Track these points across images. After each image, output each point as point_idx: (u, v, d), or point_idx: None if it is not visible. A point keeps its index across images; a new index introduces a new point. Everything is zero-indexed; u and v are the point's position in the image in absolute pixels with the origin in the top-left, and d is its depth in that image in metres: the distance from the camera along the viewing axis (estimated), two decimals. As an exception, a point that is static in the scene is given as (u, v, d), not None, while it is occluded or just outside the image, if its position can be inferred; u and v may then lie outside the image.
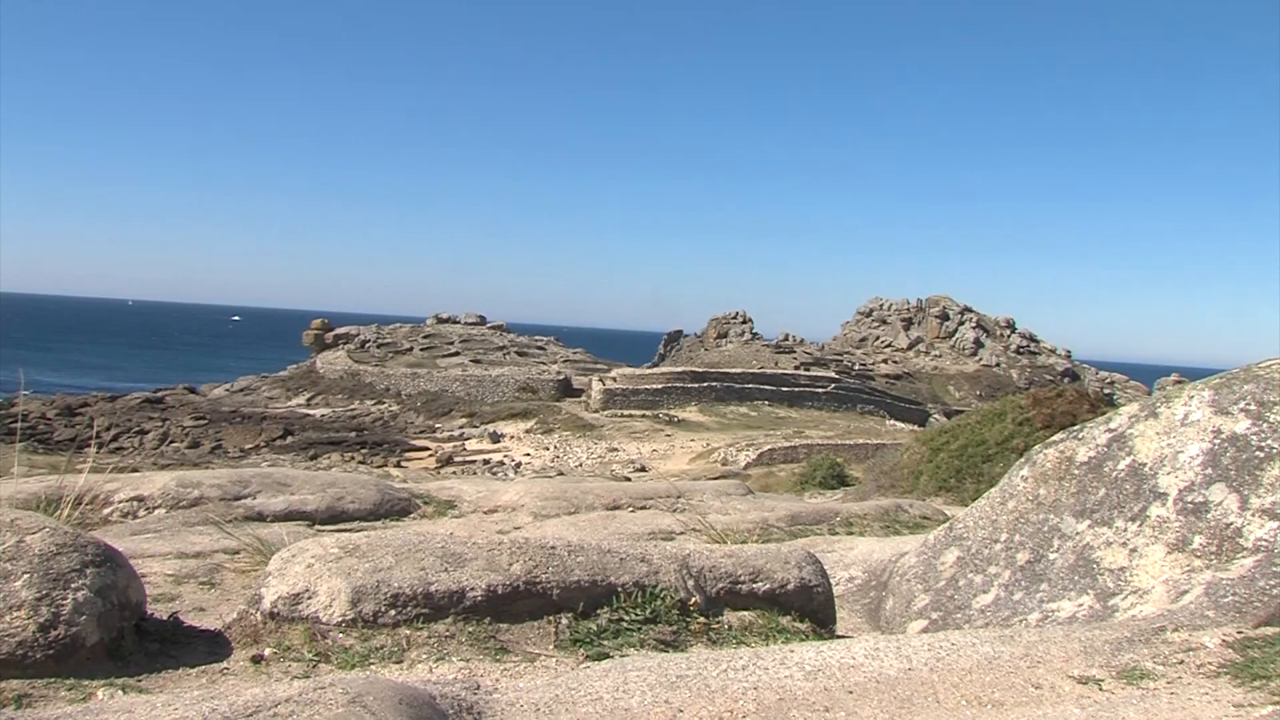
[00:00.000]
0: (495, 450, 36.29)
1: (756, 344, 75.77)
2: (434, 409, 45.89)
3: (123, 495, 5.05)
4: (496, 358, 61.15)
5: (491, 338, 69.63)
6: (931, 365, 72.56)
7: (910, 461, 13.28)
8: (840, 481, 18.04)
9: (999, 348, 76.00)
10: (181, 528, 4.59)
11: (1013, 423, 12.33)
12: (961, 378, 69.81)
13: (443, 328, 72.10)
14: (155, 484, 5.19)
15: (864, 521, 6.30)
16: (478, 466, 31.89)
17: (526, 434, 39.59)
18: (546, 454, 35.07)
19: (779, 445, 32.13)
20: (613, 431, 39.13)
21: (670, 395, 46.06)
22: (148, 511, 4.97)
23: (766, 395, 48.75)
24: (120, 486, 5.13)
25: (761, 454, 30.83)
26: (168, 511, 4.96)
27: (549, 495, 6.12)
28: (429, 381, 50.36)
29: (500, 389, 49.14)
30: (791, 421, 44.17)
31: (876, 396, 55.30)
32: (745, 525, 5.57)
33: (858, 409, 51.43)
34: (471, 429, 41.46)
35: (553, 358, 65.87)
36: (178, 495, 5.11)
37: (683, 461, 32.19)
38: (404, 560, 2.69)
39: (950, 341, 77.12)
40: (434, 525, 5.47)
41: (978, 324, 78.54)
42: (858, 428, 41.69)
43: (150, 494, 5.09)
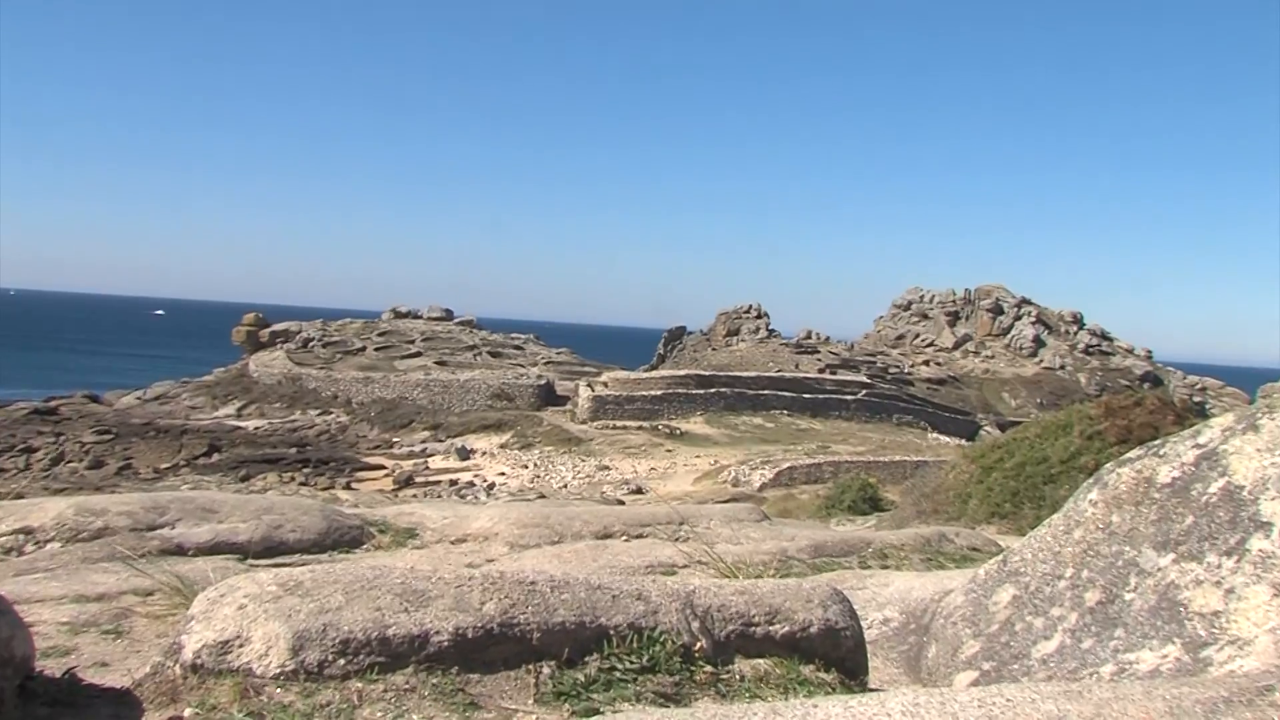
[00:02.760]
0: (464, 469, 36.24)
1: (773, 343, 75.92)
2: (391, 420, 45.84)
3: (4, 527, 4.97)
4: (465, 359, 61.14)
5: (459, 335, 69.64)
6: (982, 368, 72.80)
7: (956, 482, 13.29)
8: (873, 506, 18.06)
9: (1063, 347, 76.26)
10: (81, 565, 4.52)
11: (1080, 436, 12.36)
12: (1018, 382, 70.00)
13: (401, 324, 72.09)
14: (47, 513, 5.07)
15: (901, 553, 6.29)
16: (443, 488, 31.84)
17: (501, 449, 39.57)
18: (525, 473, 35.04)
19: (800, 463, 32.16)
20: (603, 446, 39.11)
21: (672, 403, 46.07)
22: (37, 546, 4.86)
23: (785, 403, 48.80)
24: (2, 517, 5.08)
25: (779, 473, 30.86)
26: (63, 546, 4.86)
27: (528, 522, 6.11)
28: (385, 387, 50.32)
29: (470, 396, 49.12)
30: (815, 435, 44.20)
31: (916, 405, 55.42)
32: (760, 557, 5.56)
33: (894, 420, 51.52)
34: (435, 444, 41.40)
35: (532, 359, 65.90)
36: (76, 526, 5.01)
37: (686, 482, 32.19)
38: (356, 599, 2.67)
39: (1005, 340, 77.34)
40: (391, 558, 5.45)
41: (1037, 319, 78.80)
42: (894, 442, 41.76)
43: (41, 525, 4.98)
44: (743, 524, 6.91)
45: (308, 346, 60.21)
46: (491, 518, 6.21)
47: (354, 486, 31.38)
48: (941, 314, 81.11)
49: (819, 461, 32.43)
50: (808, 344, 75.79)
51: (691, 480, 32.47)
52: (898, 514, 14.57)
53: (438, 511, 6.55)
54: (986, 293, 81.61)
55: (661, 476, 33.81)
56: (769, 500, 24.29)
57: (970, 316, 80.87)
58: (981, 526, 10.98)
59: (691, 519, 6.78)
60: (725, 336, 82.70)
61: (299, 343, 60.46)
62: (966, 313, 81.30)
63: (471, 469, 36.24)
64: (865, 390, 53.52)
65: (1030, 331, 76.89)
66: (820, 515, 17.29)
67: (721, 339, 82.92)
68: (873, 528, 13.65)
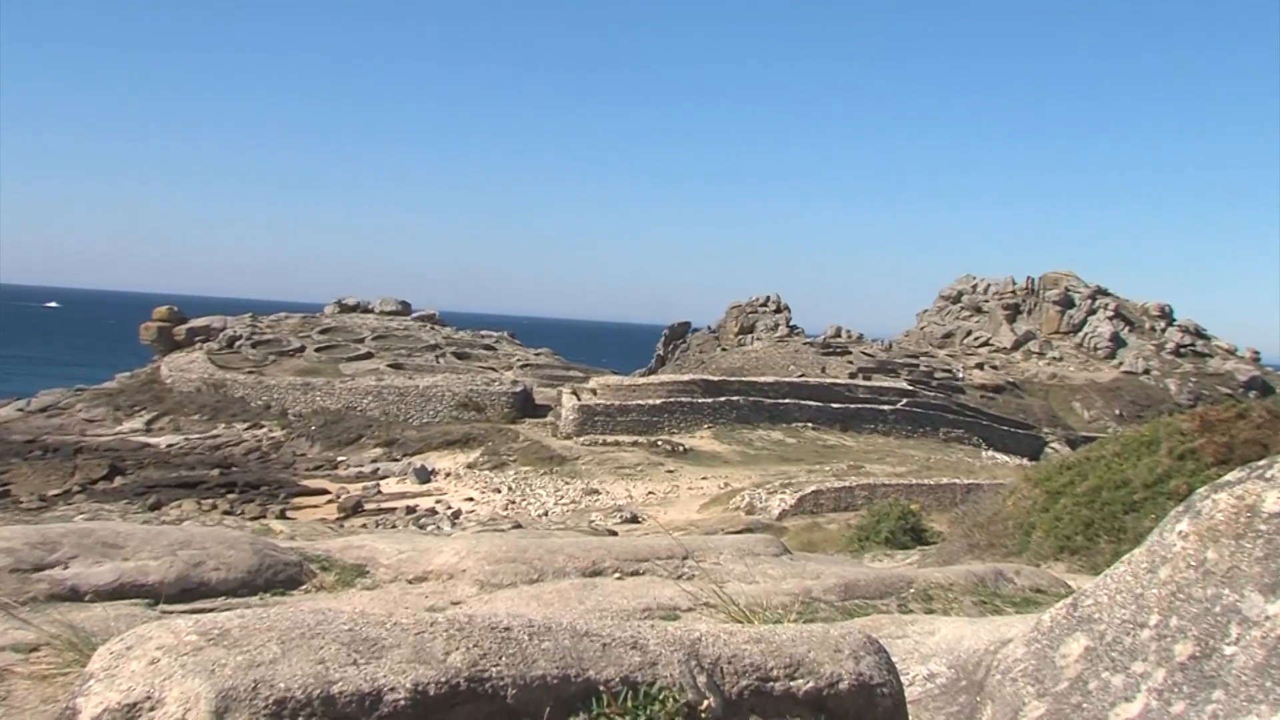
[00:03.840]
0: (424, 493, 36.25)
1: (795, 342, 76.11)
2: (335, 435, 45.84)
3: None
4: (426, 361, 61.19)
5: (418, 333, 69.67)
6: (1048, 372, 73.05)
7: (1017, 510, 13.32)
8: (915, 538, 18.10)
9: (1148, 347, 76.49)
10: (-60, 619, 4.50)
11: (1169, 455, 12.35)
12: (1092, 390, 70.20)
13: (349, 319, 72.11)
14: (-105, 555, 5.08)
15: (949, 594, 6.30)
16: (399, 517, 31.85)
17: (469, 470, 39.58)
18: (497, 498, 35.07)
19: (828, 486, 32.22)
20: (591, 466, 39.13)
21: (673, 414, 46.13)
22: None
23: (810, 414, 48.90)
24: None
25: (803, 498, 30.92)
26: (-84, 596, 4.85)
27: (501, 556, 6.11)
28: (328, 395, 50.32)
29: (431, 406, 49.14)
30: (845, 452, 44.28)
31: (968, 416, 55.59)
32: (779, 599, 5.57)
33: (940, 434, 51.66)
34: (390, 463, 41.40)
35: (506, 361, 65.95)
36: (-64, 570, 5.02)
37: (691, 509, 32.23)
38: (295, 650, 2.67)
39: (1076, 338, 77.60)
40: (337, 600, 5.45)
41: (1116, 313, 79.09)
42: (941, 461, 41.86)
43: (-114, 570, 4.99)
44: (758, 559, 6.92)
45: (234, 346, 60.19)
46: (457, 552, 6.20)
47: (290, 515, 31.32)
48: (998, 307, 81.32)
49: (850, 484, 32.47)
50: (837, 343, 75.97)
51: (697, 507, 32.50)
52: (945, 548, 14.59)
53: (393, 544, 6.54)
54: (1053, 281, 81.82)
55: (661, 502, 33.83)
56: (790, 531, 24.31)
57: (1034, 310, 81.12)
58: (1047, 564, 11.00)
59: (697, 553, 6.78)
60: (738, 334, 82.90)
61: (223, 341, 60.44)
62: (1029, 305, 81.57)
63: (433, 493, 36.23)
64: (906, 399, 53.63)
65: (1107, 328, 77.08)
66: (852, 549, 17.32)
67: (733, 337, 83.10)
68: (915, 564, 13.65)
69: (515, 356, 68.44)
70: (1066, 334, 78.39)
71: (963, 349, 78.16)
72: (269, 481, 37.13)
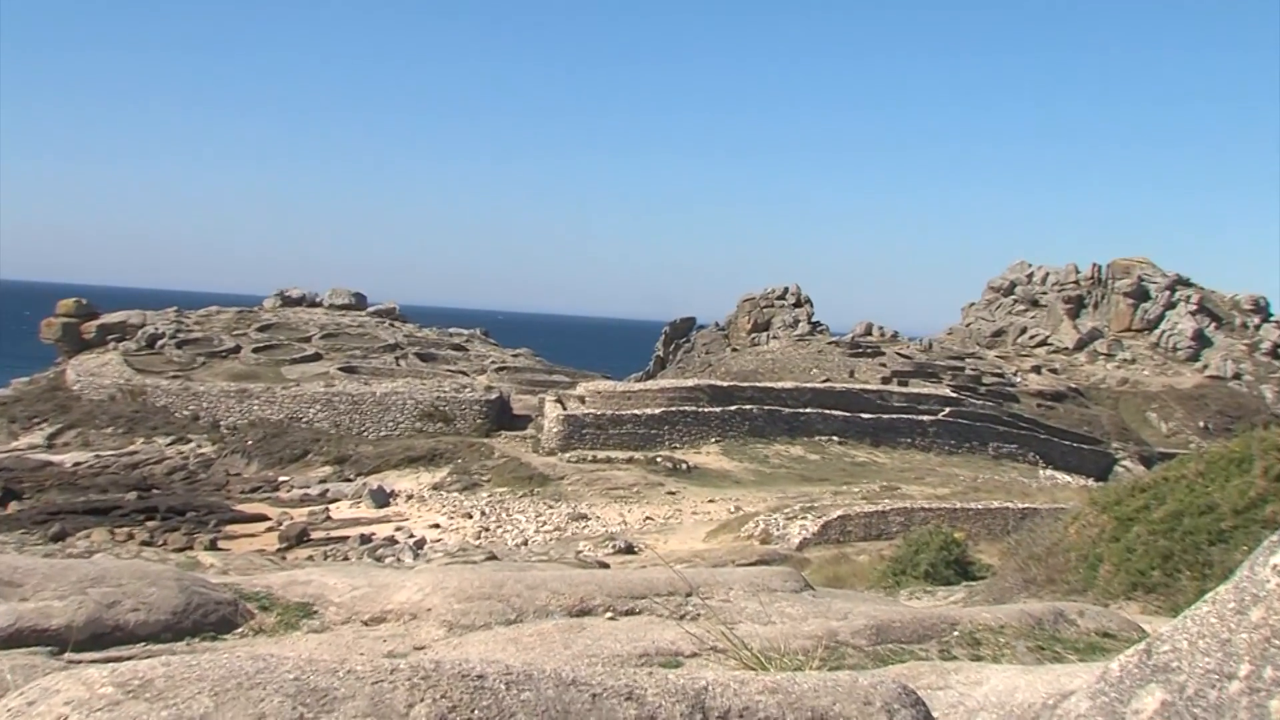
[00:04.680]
0: (381, 519, 36.19)
1: (819, 341, 76.13)
2: (277, 451, 45.79)
3: None
4: (384, 363, 61.14)
5: (375, 331, 69.58)
6: (1118, 376, 73.18)
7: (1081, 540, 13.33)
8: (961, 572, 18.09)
9: (1238, 347, 76.56)
10: None
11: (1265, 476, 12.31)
12: (1171, 397, 70.27)
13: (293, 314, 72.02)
14: None
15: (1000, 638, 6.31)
16: (351, 547, 31.78)
17: (434, 492, 39.53)
18: (468, 525, 35.03)
19: (857, 510, 32.18)
20: (579, 487, 39.09)
21: (675, 426, 46.11)
22: None
23: (835, 426, 48.93)
24: None
25: (828, 525, 30.91)
26: None
27: (473, 593, 6.11)
28: (268, 404, 50.27)
29: (390, 416, 49.11)
30: (878, 470, 44.29)
31: (1023, 429, 55.67)
32: (800, 642, 5.57)
33: (990, 449, 51.72)
34: (341, 484, 41.36)
35: (479, 364, 65.91)
36: None
37: (696, 537, 32.20)
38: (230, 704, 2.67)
39: (1151, 336, 77.72)
40: (279, 645, 5.45)
41: (1199, 306, 79.14)
42: (991, 481, 41.87)
43: None
44: (775, 595, 6.92)
45: (155, 346, 60.10)
46: (421, 588, 6.20)
47: (223, 546, 31.26)
48: (1059, 301, 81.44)
49: (883, 509, 32.44)
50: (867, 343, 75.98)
51: (703, 535, 32.46)
52: (996, 584, 14.60)
53: (345, 579, 6.54)
54: (1124, 269, 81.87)
55: (661, 529, 33.79)
56: (813, 563, 24.29)
57: (1101, 303, 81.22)
58: (1117, 603, 11.01)
59: (704, 588, 6.79)
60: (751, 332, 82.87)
61: (142, 340, 60.36)
62: (1095, 298, 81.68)
63: (392, 520, 36.16)
64: (949, 408, 53.67)
65: (1189, 325, 77.13)
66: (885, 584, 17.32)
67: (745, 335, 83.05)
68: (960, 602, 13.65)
69: (490, 358, 68.39)
70: (1140, 331, 78.47)
71: (1016, 349, 78.28)
72: (197, 506, 37.02)
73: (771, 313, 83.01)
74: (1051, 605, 7.69)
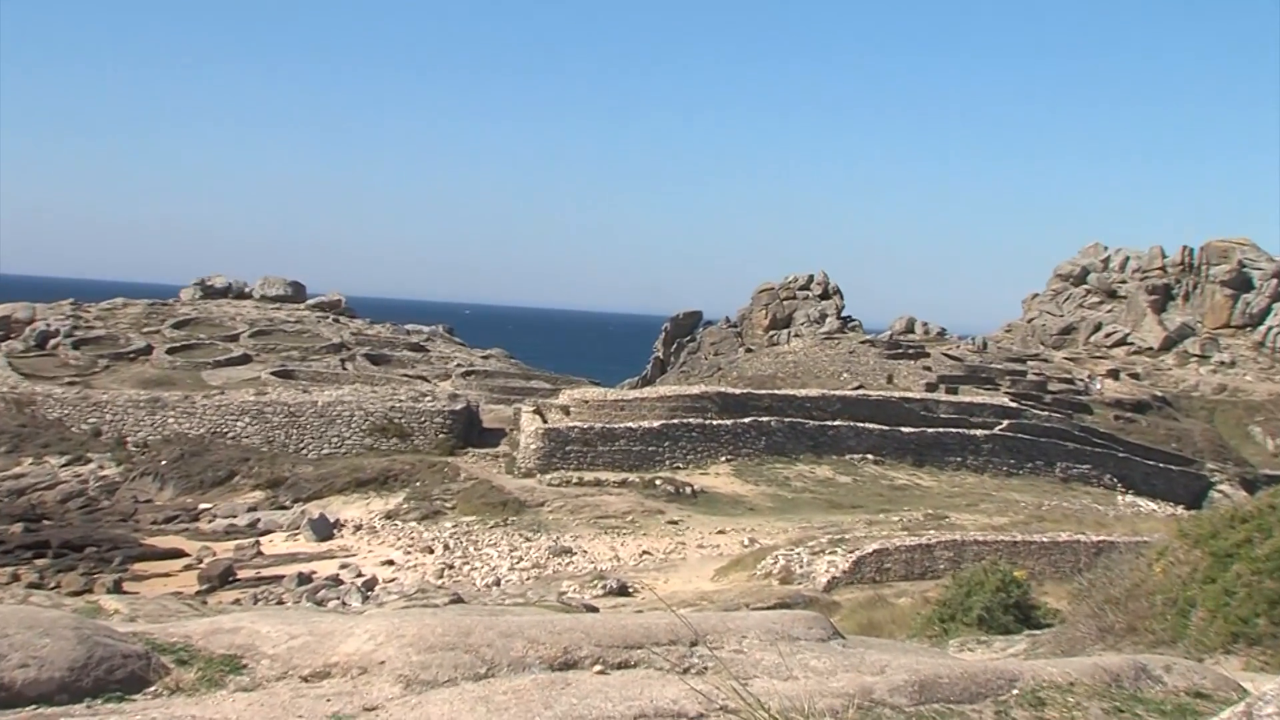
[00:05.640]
0: (324, 554, 36.14)
1: (850, 340, 76.13)
2: (197, 473, 45.71)
3: None
4: (327, 367, 61.10)
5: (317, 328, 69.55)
6: (1214, 382, 73.18)
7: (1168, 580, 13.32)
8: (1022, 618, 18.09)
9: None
10: None
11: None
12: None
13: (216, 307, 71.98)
14: None
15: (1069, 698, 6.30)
16: (288, 588, 31.76)
17: (388, 521, 39.48)
18: (429, 561, 35.00)
19: (896, 544, 32.17)
20: (562, 515, 39.05)
21: (678, 441, 46.11)
22: None
23: (871, 443, 48.94)
24: None
25: (861, 561, 30.88)
26: None
27: (435, 642, 6.10)
28: (186, 416, 50.21)
29: (334, 430, 49.07)
30: (921, 495, 44.28)
31: (1098, 445, 55.69)
32: (827, 701, 5.57)
33: (1057, 470, 51.71)
34: (275, 512, 41.31)
35: (442, 367, 65.82)
36: None
37: (703, 575, 32.19)
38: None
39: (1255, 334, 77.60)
40: (200, 706, 5.43)
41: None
42: (1058, 509, 41.85)
43: None
44: (797, 645, 6.92)
45: (47, 346, 60.03)
46: (373, 636, 6.19)
47: (130, 588, 31.16)
48: (1141, 292, 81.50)
49: (928, 542, 32.42)
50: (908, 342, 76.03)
51: (711, 573, 32.45)
52: (1065, 633, 14.61)
53: (281, 626, 6.53)
54: (1221, 253, 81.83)
55: (661, 566, 33.77)
56: (843, 607, 24.30)
57: (1193, 294, 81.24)
58: (1212, 656, 11.01)
59: (711, 636, 6.78)
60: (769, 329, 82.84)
61: (31, 339, 60.32)
62: (1186, 287, 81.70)
63: (337, 555, 36.10)
64: (1007, 421, 53.64)
65: (1299, 322, 77.05)
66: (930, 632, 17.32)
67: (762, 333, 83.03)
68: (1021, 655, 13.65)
69: (455, 360, 68.37)
70: (1241, 329, 78.51)
71: (1089, 350, 78.38)
72: (98, 541, 36.89)
73: (793, 305, 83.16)
74: (1132, 659, 7.68)
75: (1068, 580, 23.39)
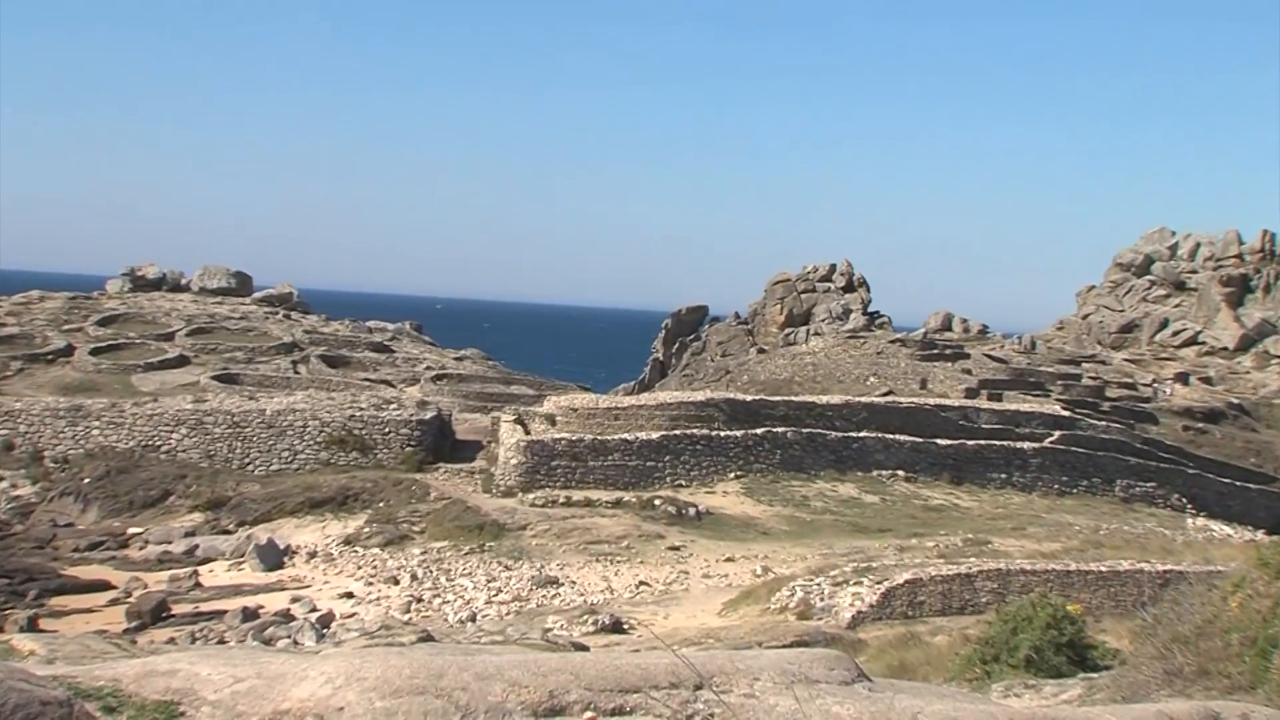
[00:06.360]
0: (273, 586, 36.10)
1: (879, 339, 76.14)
2: (126, 492, 45.66)
3: None
4: (277, 370, 60.97)
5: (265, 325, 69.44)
6: (1296, 388, 73.04)
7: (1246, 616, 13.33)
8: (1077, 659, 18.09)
9: None
10: None
11: None
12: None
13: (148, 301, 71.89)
14: None
15: (1134, 749, 6.33)
16: (231, 625, 31.70)
17: (346, 548, 39.45)
18: (394, 593, 34.98)
19: (931, 574, 32.16)
20: (547, 540, 39.03)
21: (681, 455, 46.11)
22: None
23: (901, 457, 48.99)
24: None
25: (891, 593, 30.88)
26: None
27: (402, 686, 6.10)
28: (114, 427, 50.18)
29: (285, 443, 49.02)
30: (960, 517, 44.26)
31: (1164, 460, 55.61)
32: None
33: (1117, 488, 51.69)
34: (217, 537, 41.27)
35: (409, 370, 65.66)
36: None
37: (709, 609, 32.20)
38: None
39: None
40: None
41: None
42: (1119, 534, 41.84)
43: None
44: (817, 689, 6.93)
45: (-41, 345, 59.90)
46: (330, 679, 6.19)
47: (48, 626, 31.11)
48: (1214, 283, 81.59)
49: (968, 571, 32.43)
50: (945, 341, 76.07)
51: (719, 606, 32.46)
52: (1126, 676, 14.62)
53: (224, 668, 6.53)
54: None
55: (661, 599, 33.77)
56: (871, 646, 24.28)
57: (1275, 286, 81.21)
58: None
59: (719, 678, 6.79)
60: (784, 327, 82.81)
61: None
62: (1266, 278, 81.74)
63: (288, 586, 36.05)
64: (1059, 431, 53.66)
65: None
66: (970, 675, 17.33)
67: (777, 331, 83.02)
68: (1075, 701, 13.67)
69: (424, 362, 68.37)
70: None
71: (1154, 350, 78.45)
72: (11, 571, 36.86)
73: (813, 299, 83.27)
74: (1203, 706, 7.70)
75: (1129, 616, 23.41)
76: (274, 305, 74.39)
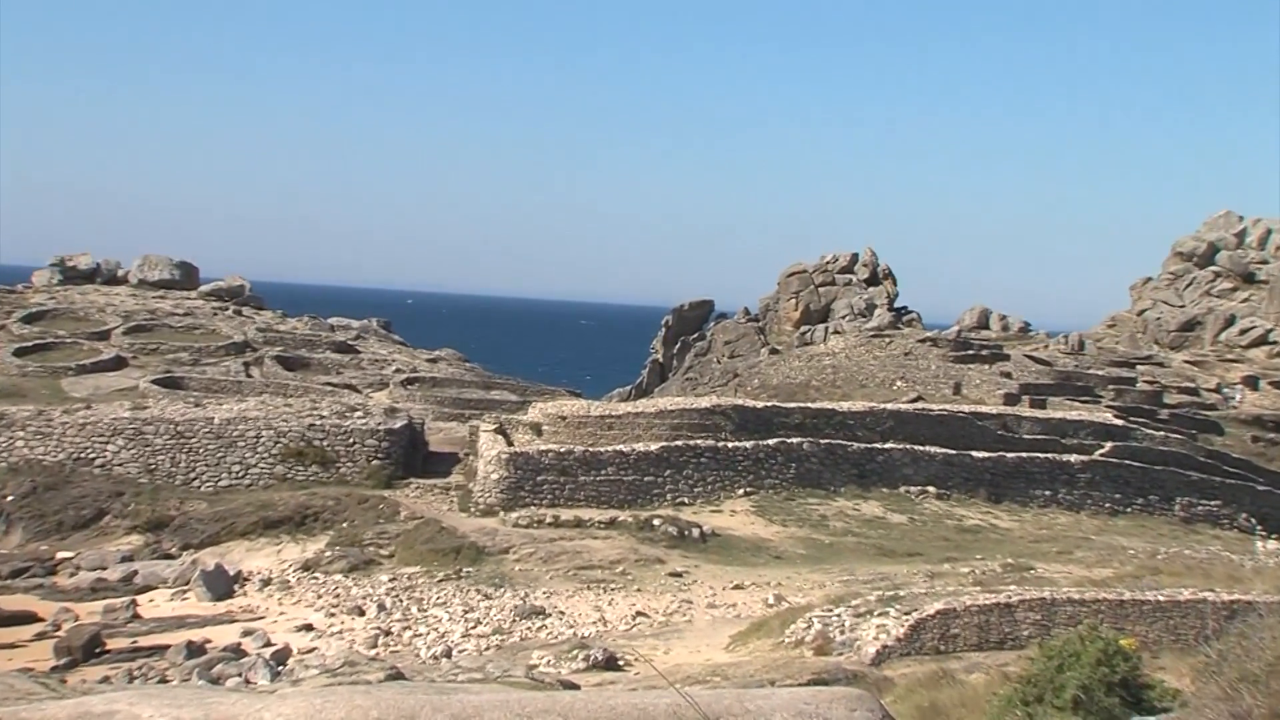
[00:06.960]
0: (221, 617, 36.10)
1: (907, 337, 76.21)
2: (54, 512, 45.68)
3: None
4: (227, 373, 61.02)
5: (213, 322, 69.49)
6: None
7: (1320, 648, 13.35)
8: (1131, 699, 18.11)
9: None
10: None
11: None
12: None
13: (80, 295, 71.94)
14: None
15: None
16: (173, 661, 31.72)
17: (305, 574, 39.48)
18: (359, 625, 35.02)
19: (966, 603, 32.22)
20: (532, 565, 39.07)
21: (683, 470, 46.18)
22: None
23: (932, 471, 49.07)
24: None
25: (921, 625, 30.92)
26: None
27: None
28: (40, 438, 50.19)
29: (236, 456, 49.04)
30: (999, 539, 44.32)
31: (1230, 475, 55.60)
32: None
33: (1177, 507, 51.74)
34: (158, 563, 41.26)
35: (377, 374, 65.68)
36: None
37: (715, 643, 32.24)
38: None
39: None
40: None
41: None
42: (1179, 558, 41.85)
43: None
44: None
45: None
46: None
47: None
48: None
49: (1008, 600, 32.47)
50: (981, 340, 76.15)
51: (726, 640, 32.50)
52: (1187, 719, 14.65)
53: (167, 709, 6.55)
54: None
55: (661, 631, 33.81)
56: (898, 685, 24.30)
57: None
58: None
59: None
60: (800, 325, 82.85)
61: None
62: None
63: (239, 617, 36.08)
64: (1111, 442, 53.73)
65: None
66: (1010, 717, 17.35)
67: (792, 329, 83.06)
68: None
69: (394, 364, 68.44)
70: None
71: (1219, 350, 78.53)
72: (-70, 598, 36.96)
73: (832, 293, 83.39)
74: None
75: (1191, 652, 23.42)
76: (223, 300, 74.43)
